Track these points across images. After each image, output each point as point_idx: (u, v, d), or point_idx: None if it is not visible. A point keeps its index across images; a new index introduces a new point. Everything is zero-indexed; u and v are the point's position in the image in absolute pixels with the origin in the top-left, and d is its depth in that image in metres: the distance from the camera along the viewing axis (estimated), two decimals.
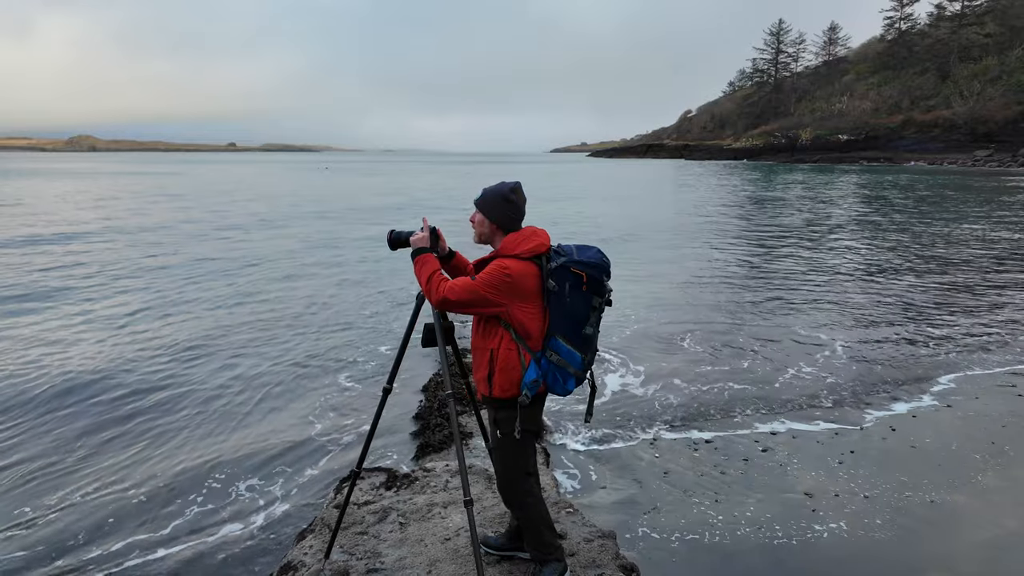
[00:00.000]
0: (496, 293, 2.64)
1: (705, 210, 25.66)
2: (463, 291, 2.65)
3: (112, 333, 8.18)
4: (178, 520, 4.18)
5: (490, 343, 2.74)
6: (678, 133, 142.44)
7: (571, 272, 2.70)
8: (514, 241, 2.74)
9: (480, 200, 2.81)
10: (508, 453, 2.83)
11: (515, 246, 2.73)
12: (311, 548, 3.36)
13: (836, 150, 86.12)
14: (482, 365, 2.77)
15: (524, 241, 2.75)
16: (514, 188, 2.78)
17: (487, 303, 2.65)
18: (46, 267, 12.45)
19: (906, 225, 20.22)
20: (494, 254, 2.77)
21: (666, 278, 12.00)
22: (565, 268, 2.70)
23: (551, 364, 2.71)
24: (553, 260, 2.72)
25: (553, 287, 2.68)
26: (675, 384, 6.54)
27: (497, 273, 2.64)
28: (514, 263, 2.68)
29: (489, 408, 2.85)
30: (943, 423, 5.54)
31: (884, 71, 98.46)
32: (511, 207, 2.76)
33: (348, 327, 8.69)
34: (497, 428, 2.81)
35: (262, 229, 19.14)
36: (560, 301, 2.70)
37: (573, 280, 2.71)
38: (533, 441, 2.90)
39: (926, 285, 11.31)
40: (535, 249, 2.72)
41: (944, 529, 4.01)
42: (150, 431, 5.43)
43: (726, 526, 4.03)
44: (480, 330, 2.80)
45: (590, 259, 2.75)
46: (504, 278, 2.63)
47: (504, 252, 2.72)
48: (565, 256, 2.73)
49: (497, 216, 2.77)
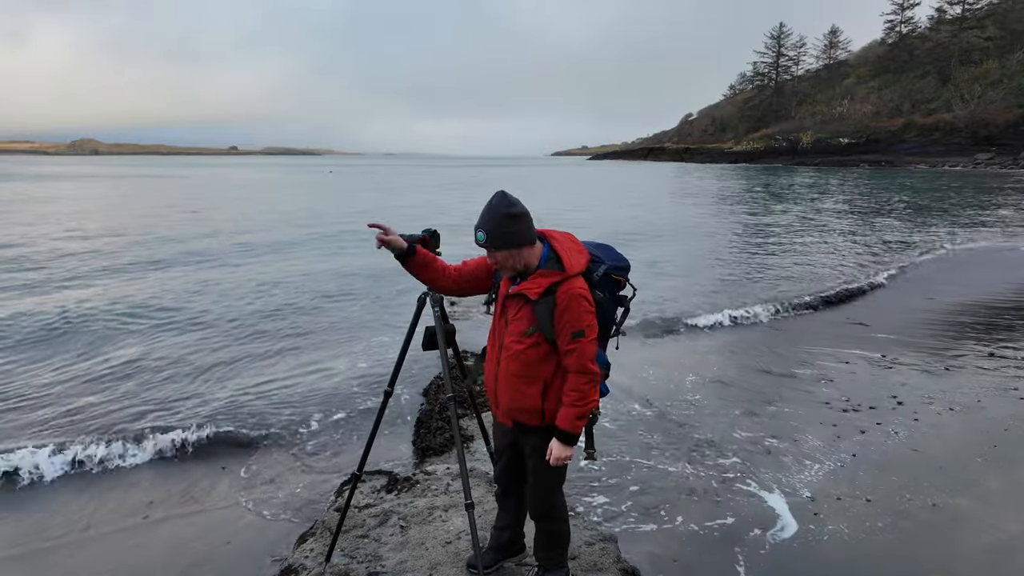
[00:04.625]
0: (596, 324, 2.53)
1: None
2: (593, 351, 2.50)
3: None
4: (179, 518, 4.18)
5: (543, 373, 2.57)
6: (679, 136, 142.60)
7: (612, 279, 2.64)
8: (568, 257, 2.52)
9: (492, 239, 2.47)
10: (554, 471, 2.72)
11: (572, 262, 2.52)
12: (312, 551, 3.36)
13: (837, 153, 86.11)
14: (532, 395, 2.60)
15: (577, 253, 2.57)
16: (504, 198, 2.49)
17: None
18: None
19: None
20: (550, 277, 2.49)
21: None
22: (608, 276, 2.62)
23: None
24: (596, 269, 2.59)
25: (601, 298, 2.58)
26: (675, 388, 6.54)
27: (586, 303, 2.48)
28: (583, 283, 2.52)
29: (532, 436, 2.68)
30: (945, 427, 5.53)
31: (885, 74, 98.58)
32: (521, 218, 2.47)
33: (348, 332, 8.68)
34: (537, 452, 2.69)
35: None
36: (602, 310, 2.59)
37: (612, 287, 2.65)
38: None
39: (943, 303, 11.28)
40: (587, 261, 2.58)
41: (946, 533, 4.00)
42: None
43: (728, 529, 4.02)
44: (526, 359, 2.57)
45: (621, 262, 2.69)
46: (591, 304, 2.50)
47: (567, 273, 2.48)
48: (603, 262, 2.62)
49: (520, 237, 2.49)
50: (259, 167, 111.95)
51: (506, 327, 2.65)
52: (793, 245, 16.83)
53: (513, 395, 2.64)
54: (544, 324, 2.50)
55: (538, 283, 2.49)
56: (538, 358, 2.56)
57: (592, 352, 2.50)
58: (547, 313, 2.48)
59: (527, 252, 2.52)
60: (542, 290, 2.48)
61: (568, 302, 2.45)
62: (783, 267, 13.55)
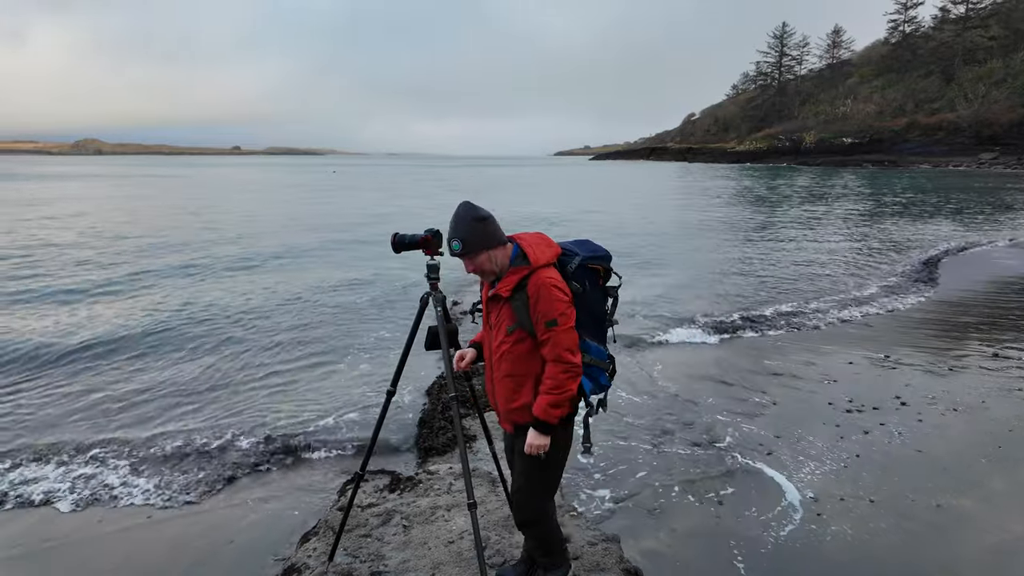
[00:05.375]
0: (572, 313, 2.56)
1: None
2: (571, 340, 2.52)
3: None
4: (181, 518, 4.19)
5: (532, 369, 2.61)
6: (681, 136, 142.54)
7: (588, 269, 2.67)
8: (533, 251, 2.60)
9: (466, 247, 2.57)
10: (547, 474, 2.73)
11: (538, 255, 2.60)
12: (315, 551, 3.36)
13: (840, 153, 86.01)
14: (523, 393, 2.64)
15: (546, 247, 2.64)
16: (470, 206, 2.62)
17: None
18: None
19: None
20: (519, 272, 2.58)
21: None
22: (583, 267, 2.65)
23: (588, 367, 2.66)
24: (569, 262, 2.65)
25: (579, 289, 2.62)
26: (677, 387, 6.53)
27: (557, 292, 2.52)
28: (554, 273, 2.58)
29: (525, 434, 2.66)
30: (949, 427, 5.51)
31: (888, 74, 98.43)
32: (489, 221, 2.60)
33: (349, 331, 8.69)
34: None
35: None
36: (583, 301, 2.64)
37: (592, 277, 2.68)
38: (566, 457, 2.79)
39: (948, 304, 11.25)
40: (556, 254, 2.65)
41: (950, 534, 3.99)
42: (142, 417, 5.45)
43: (729, 529, 4.01)
44: (513, 357, 2.64)
45: (599, 252, 2.72)
46: (564, 293, 2.54)
47: (532, 265, 2.57)
48: (577, 254, 2.67)
49: (492, 238, 2.59)
50: (263, 167, 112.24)
51: (492, 331, 2.73)
52: (798, 246, 16.80)
53: (507, 395, 2.69)
54: (523, 319, 2.56)
55: (509, 280, 2.59)
56: (524, 354, 2.61)
57: (568, 341, 2.52)
58: (523, 307, 2.54)
59: (501, 253, 2.61)
60: (513, 286, 2.57)
61: (538, 292, 2.51)
62: (789, 268, 13.53)
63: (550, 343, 2.52)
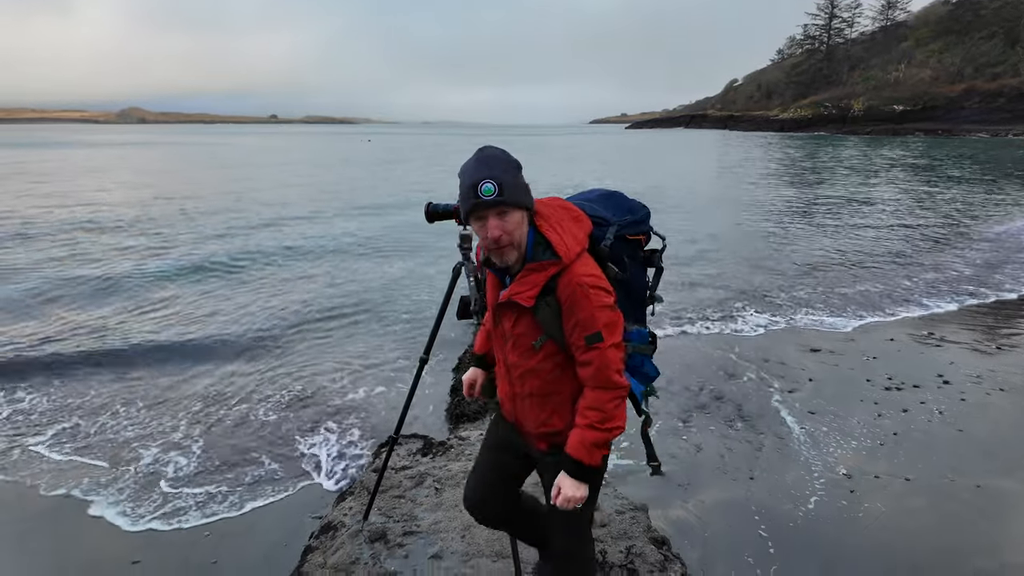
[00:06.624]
0: (619, 317, 1.93)
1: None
2: (619, 358, 1.91)
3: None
4: (222, 479, 4.39)
5: (567, 386, 2.00)
6: (722, 103, 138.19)
7: (627, 241, 2.06)
8: (561, 238, 1.88)
9: (508, 191, 1.80)
10: (586, 508, 2.10)
11: (569, 244, 1.88)
12: (351, 510, 3.49)
13: (890, 121, 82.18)
14: (560, 414, 2.03)
15: (574, 225, 1.93)
16: (502, 150, 1.91)
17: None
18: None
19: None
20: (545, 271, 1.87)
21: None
22: (621, 240, 2.03)
23: (630, 358, 2.09)
24: (603, 236, 2.00)
25: (619, 275, 2.01)
26: (713, 363, 6.47)
27: (600, 296, 1.85)
28: (591, 266, 1.90)
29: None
30: (994, 407, 5.34)
31: (946, 36, 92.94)
32: (522, 173, 1.91)
33: (386, 299, 8.84)
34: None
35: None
36: (623, 283, 2.04)
37: (632, 249, 2.08)
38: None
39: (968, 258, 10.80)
40: (588, 232, 1.97)
41: (991, 516, 3.90)
42: (187, 388, 5.68)
43: (760, 503, 4.00)
44: (542, 375, 2.01)
45: (637, 213, 2.10)
46: (608, 293, 1.88)
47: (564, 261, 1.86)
48: (608, 222, 2.02)
49: (530, 196, 1.91)
50: (302, 135, 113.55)
51: (506, 342, 2.07)
52: (846, 223, 16.28)
53: (538, 417, 2.07)
54: (553, 331, 1.92)
55: (529, 283, 1.89)
56: (559, 369, 1.99)
57: (616, 360, 1.89)
58: (553, 318, 1.89)
59: (526, 227, 1.90)
60: (537, 292, 1.88)
61: (573, 299, 1.84)
62: (836, 244, 13.15)
63: (594, 365, 1.87)
